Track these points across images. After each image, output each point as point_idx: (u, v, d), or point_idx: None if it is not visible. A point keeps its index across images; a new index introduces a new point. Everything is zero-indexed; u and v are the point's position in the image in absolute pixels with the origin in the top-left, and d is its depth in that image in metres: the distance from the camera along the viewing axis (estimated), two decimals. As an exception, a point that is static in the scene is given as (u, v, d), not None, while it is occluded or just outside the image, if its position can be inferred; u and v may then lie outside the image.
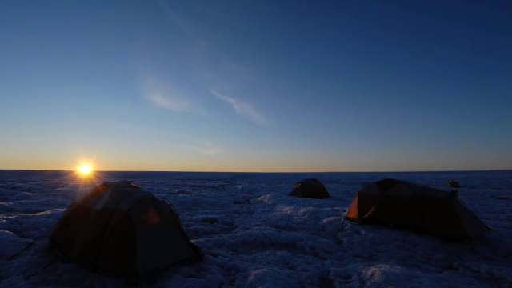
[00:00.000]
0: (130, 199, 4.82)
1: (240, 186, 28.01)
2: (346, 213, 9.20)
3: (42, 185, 23.32)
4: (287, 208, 11.67)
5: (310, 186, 18.69)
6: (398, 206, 7.61)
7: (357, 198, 8.81)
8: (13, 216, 8.11)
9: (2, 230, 6.27)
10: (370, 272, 4.69)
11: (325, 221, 8.92)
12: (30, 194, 16.25)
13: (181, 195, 17.03)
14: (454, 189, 10.46)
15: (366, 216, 8.21)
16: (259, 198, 17.05)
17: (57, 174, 64.47)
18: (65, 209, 6.18)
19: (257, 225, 8.73)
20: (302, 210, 10.84)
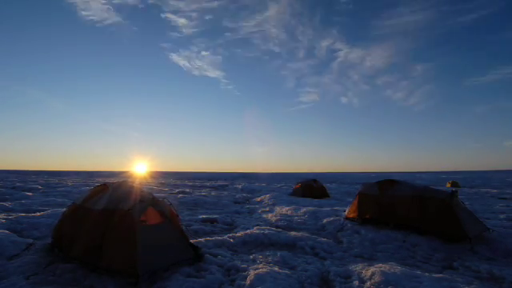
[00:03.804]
0: (130, 199, 4.82)
1: (240, 186, 28.02)
2: (345, 213, 9.20)
3: (41, 185, 23.32)
4: (287, 208, 11.67)
5: (309, 186, 18.69)
6: (398, 206, 7.61)
7: (357, 198, 8.81)
8: (13, 216, 8.11)
9: (2, 230, 6.26)
10: (369, 272, 4.69)
11: (325, 221, 8.92)
12: (30, 193, 16.24)
13: (181, 195, 17.03)
14: (453, 189, 10.46)
15: (366, 216, 8.21)
16: (259, 198, 17.05)
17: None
18: (65, 209, 6.18)
19: (257, 225, 8.73)
20: (302, 210, 10.84)
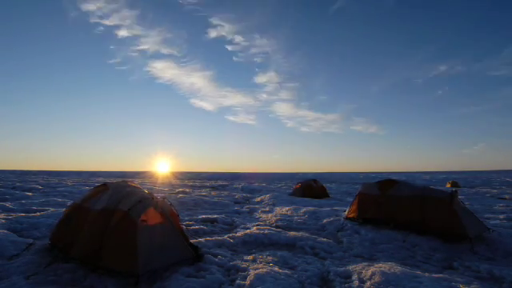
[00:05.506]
0: (130, 199, 4.82)
1: (240, 186, 28.00)
2: (345, 213, 9.20)
3: (41, 185, 23.31)
4: (287, 208, 11.66)
5: (309, 186, 18.69)
6: (398, 206, 7.60)
7: (357, 198, 8.81)
8: (13, 216, 8.11)
9: (2, 230, 6.26)
10: (369, 272, 4.69)
11: (325, 221, 8.92)
12: (30, 194, 16.24)
13: (181, 195, 17.02)
14: (453, 189, 10.46)
15: (366, 216, 8.21)
16: (259, 198, 17.04)
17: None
18: (65, 209, 6.18)
19: (257, 225, 8.72)
20: (302, 210, 10.83)
